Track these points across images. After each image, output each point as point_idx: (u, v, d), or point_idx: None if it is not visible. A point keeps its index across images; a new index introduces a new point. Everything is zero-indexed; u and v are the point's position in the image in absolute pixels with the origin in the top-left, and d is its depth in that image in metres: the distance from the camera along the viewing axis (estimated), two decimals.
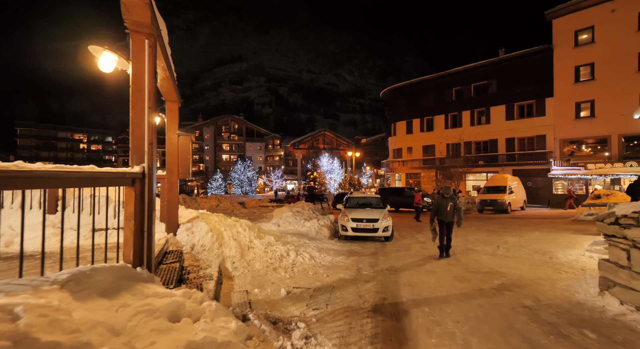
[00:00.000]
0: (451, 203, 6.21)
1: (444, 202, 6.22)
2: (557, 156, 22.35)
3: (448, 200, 6.23)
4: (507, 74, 25.02)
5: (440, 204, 6.25)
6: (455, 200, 6.26)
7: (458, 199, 6.46)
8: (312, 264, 5.13)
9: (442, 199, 6.29)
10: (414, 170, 30.92)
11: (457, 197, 6.49)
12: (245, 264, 4.50)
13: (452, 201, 6.22)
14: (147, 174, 2.39)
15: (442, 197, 6.31)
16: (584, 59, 21.13)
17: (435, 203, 6.33)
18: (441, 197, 6.31)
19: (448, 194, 6.25)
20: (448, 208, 6.19)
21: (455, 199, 6.26)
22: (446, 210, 6.19)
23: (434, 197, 15.98)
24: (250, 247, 4.90)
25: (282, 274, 4.44)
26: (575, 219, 12.55)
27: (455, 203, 6.26)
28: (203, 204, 23.66)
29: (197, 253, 4.42)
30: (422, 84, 30.95)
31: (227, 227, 5.13)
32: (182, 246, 4.46)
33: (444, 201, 6.25)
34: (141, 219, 2.32)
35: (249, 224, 5.51)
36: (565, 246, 7.51)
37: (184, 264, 4.11)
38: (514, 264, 5.77)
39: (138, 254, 2.28)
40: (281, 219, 9.62)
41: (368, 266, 5.60)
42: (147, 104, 2.36)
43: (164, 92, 4.31)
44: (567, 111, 21.97)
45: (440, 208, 6.26)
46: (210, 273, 3.84)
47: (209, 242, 4.57)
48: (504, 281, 4.53)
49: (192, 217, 4.94)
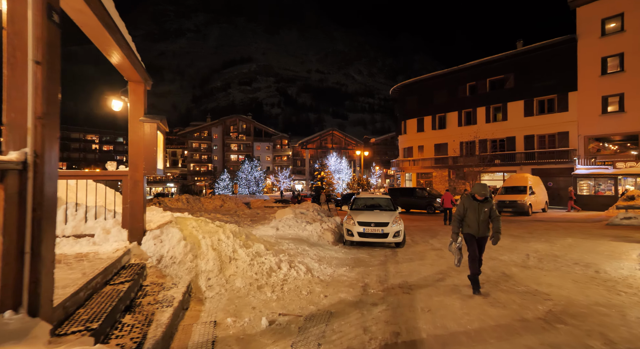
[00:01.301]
0: (486, 209, 4.22)
1: (475, 208, 4.25)
2: (581, 154, 20.82)
3: (482, 204, 4.23)
4: (526, 67, 23.56)
5: (468, 210, 4.28)
6: (491, 205, 4.27)
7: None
8: (308, 280, 4.24)
9: (471, 202, 4.28)
10: (425, 170, 29.67)
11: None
12: (223, 281, 3.65)
13: (487, 206, 4.23)
14: (33, 165, 1.55)
15: (472, 200, 4.28)
16: (612, 49, 19.57)
17: (461, 208, 4.36)
18: (470, 200, 4.30)
19: (482, 196, 4.23)
20: (481, 216, 4.20)
21: (491, 204, 4.27)
22: (478, 219, 4.21)
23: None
24: (232, 259, 4.05)
25: (268, 294, 3.56)
26: (609, 223, 11.28)
27: (492, 209, 4.27)
28: (207, 205, 23.12)
29: (165, 267, 3.60)
30: (434, 79, 29.68)
31: (206, 234, 4.29)
32: (148, 257, 3.64)
33: (474, 205, 4.26)
34: (19, 234, 1.49)
35: (234, 230, 4.66)
36: (609, 256, 6.40)
37: (144, 283, 3.28)
38: (554, 280, 4.75)
39: (11, 290, 1.46)
40: (281, 222, 8.77)
41: (376, 280, 4.68)
42: (31, 56, 1.54)
43: (123, 69, 3.50)
44: (592, 106, 20.43)
45: (468, 216, 4.28)
46: (172, 295, 3.00)
47: (180, 253, 3.74)
48: (550, 307, 3.54)
49: (163, 222, 4.13)
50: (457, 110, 27.71)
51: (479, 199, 4.29)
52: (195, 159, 61.69)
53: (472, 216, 4.28)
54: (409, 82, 32.01)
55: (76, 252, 3.34)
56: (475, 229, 4.27)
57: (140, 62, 3.61)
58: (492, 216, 4.32)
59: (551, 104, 22.71)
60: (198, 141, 61.60)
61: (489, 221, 4.32)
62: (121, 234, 3.68)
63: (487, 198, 4.31)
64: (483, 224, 4.27)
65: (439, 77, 29.19)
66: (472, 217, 4.28)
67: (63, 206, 3.67)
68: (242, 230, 4.91)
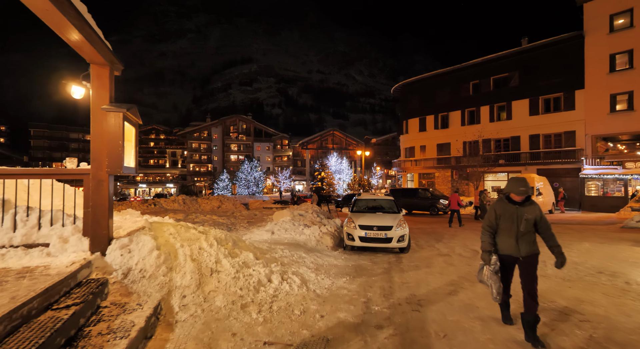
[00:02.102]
0: (529, 216, 2.84)
1: (511, 214, 2.89)
2: (588, 154, 20.22)
3: (522, 209, 2.87)
4: (531, 65, 22.97)
5: (502, 218, 2.93)
6: (537, 209, 2.89)
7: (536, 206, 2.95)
8: (302, 295, 3.68)
9: (506, 206, 2.94)
10: (427, 170, 29.09)
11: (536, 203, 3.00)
12: (200, 300, 3.10)
13: (530, 212, 2.86)
14: None
15: (507, 203, 2.94)
16: (621, 45, 18.98)
17: (492, 216, 3.01)
18: (504, 203, 2.97)
19: (522, 195, 2.83)
20: (521, 227, 2.84)
21: (537, 208, 2.90)
22: (517, 230, 2.86)
23: (484, 200, 13.33)
24: (214, 272, 3.50)
25: (254, 315, 3.01)
26: (624, 225, 10.69)
27: (539, 216, 2.89)
28: (204, 206, 22.59)
29: (132, 282, 3.05)
30: (436, 78, 29.12)
31: (186, 242, 3.74)
32: (113, 271, 3.09)
33: (510, 210, 2.90)
34: None
35: (219, 237, 4.11)
36: (635, 264, 5.83)
37: (103, 303, 2.73)
38: (582, 293, 4.18)
39: None
40: (277, 225, 8.22)
41: (380, 294, 4.12)
42: None
43: (81, 48, 2.96)
44: (600, 104, 19.83)
45: (502, 227, 2.94)
46: (132, 321, 2.45)
47: (152, 265, 3.19)
48: (590, 332, 2.97)
49: (135, 228, 3.58)
50: (460, 109, 27.14)
51: (516, 201, 2.86)
52: (195, 160, 61.23)
53: (507, 226, 2.87)
54: (410, 80, 31.45)
55: (23, 266, 2.80)
56: (512, 247, 2.87)
57: (104, 41, 3.07)
58: (540, 226, 2.87)
59: (557, 102, 22.11)
60: (198, 141, 61.15)
61: (534, 233, 2.89)
62: (81, 243, 3.13)
63: (532, 202, 2.92)
64: (525, 238, 2.85)
65: (442, 76, 28.63)
66: (508, 228, 2.87)
67: (11, 210, 3.13)
68: (229, 236, 4.36)
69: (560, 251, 2.88)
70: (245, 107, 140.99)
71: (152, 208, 20.47)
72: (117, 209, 19.06)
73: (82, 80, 3.27)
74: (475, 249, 7.44)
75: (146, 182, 68.16)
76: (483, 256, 3.05)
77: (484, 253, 3.05)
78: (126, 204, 21.53)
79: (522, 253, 2.89)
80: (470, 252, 7.11)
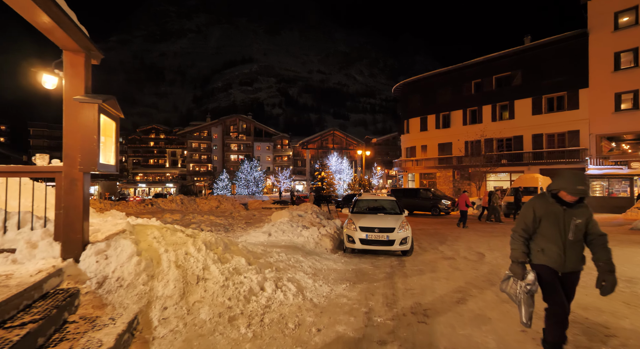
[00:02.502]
0: (579, 220, 2.29)
1: (558, 217, 2.31)
2: (593, 154, 19.89)
3: (572, 211, 2.30)
4: (534, 63, 22.65)
5: (544, 221, 2.36)
6: (590, 213, 2.34)
7: None
8: (298, 305, 3.37)
9: (551, 207, 2.35)
10: (428, 170, 28.77)
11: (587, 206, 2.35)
12: (183, 312, 2.78)
13: (582, 215, 2.30)
14: None
15: (555, 202, 2.34)
16: (626, 44, 18.66)
17: (529, 217, 2.41)
18: (548, 202, 2.37)
19: (577, 195, 2.21)
20: (570, 234, 2.28)
21: (589, 212, 2.35)
22: (563, 238, 2.30)
23: (495, 200, 12.86)
24: (201, 280, 3.19)
25: (242, 330, 2.69)
26: (633, 227, 10.39)
27: (592, 221, 2.34)
28: (202, 206, 22.30)
29: (108, 292, 2.74)
30: (438, 77, 28.80)
31: (171, 246, 3.43)
32: (87, 279, 2.78)
33: (557, 211, 2.32)
34: None
35: (208, 241, 3.80)
36: None
37: (71, 318, 2.42)
38: (601, 302, 3.86)
39: None
40: (274, 227, 7.91)
41: (383, 303, 3.80)
42: None
43: (52, 33, 2.65)
44: (604, 103, 19.51)
45: (544, 232, 2.36)
46: (100, 340, 2.14)
47: (131, 272, 2.88)
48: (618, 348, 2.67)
49: (114, 231, 3.27)
50: (462, 108, 26.82)
51: (568, 202, 2.24)
52: (195, 159, 60.95)
53: (552, 232, 2.28)
54: (412, 79, 31.14)
55: None
56: (558, 258, 2.26)
57: (78, 25, 2.76)
58: (591, 234, 2.30)
59: (561, 101, 21.79)
60: (198, 140, 60.88)
61: (583, 243, 2.32)
62: (52, 248, 2.82)
63: (583, 205, 2.31)
64: (574, 248, 2.26)
65: (443, 75, 28.31)
66: (553, 234, 2.27)
67: None
68: (220, 239, 4.04)
69: (611, 276, 2.23)
70: (246, 107, 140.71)
71: (148, 208, 20.18)
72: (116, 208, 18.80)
73: (54, 69, 2.96)
74: (481, 252, 7.13)
75: (146, 182, 67.91)
76: (513, 268, 2.42)
77: (515, 264, 2.40)
78: (123, 204, 21.25)
79: (566, 268, 2.27)
80: (476, 256, 6.80)
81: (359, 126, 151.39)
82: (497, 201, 12.92)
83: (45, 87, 3.01)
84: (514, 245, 2.45)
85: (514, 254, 2.43)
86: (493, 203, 12.83)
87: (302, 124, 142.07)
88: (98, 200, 25.15)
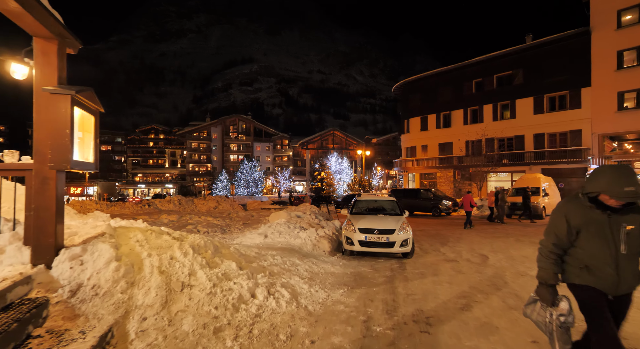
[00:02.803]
0: (631, 227, 1.74)
1: (604, 226, 1.77)
2: (595, 154, 19.66)
3: (621, 218, 1.75)
4: (536, 62, 22.41)
5: (584, 232, 1.83)
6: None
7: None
8: (291, 314, 3.13)
9: (591, 212, 1.80)
10: (429, 170, 28.53)
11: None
12: (164, 323, 2.55)
13: (634, 221, 1.75)
14: None
15: (595, 207, 1.79)
16: (629, 42, 18.42)
17: (562, 227, 1.88)
18: (586, 207, 1.82)
19: (626, 198, 1.67)
20: (621, 246, 1.75)
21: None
22: (616, 251, 1.75)
23: (504, 199, 12.59)
24: (186, 286, 2.95)
25: (228, 343, 2.46)
26: None
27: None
28: (200, 206, 22.06)
29: (82, 302, 2.50)
30: (438, 76, 28.57)
31: (155, 250, 3.19)
32: (59, 287, 2.55)
33: (601, 219, 1.78)
34: None
35: (196, 244, 3.56)
36: None
37: (36, 332, 2.19)
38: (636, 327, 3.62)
39: None
40: (270, 228, 7.68)
41: (382, 310, 3.57)
42: None
43: (18, 16, 2.42)
44: (607, 102, 19.26)
45: (586, 246, 1.83)
46: None
47: (108, 279, 2.64)
48: None
49: (93, 234, 3.04)
50: (463, 108, 26.59)
51: (614, 207, 1.76)
52: (194, 160, 60.73)
53: (597, 245, 1.80)
54: (412, 79, 30.92)
55: None
56: (610, 278, 1.77)
57: (49, 9, 2.53)
58: None
59: (563, 100, 21.55)
60: (197, 141, 60.66)
61: (638, 256, 1.82)
62: (21, 253, 2.59)
63: (635, 204, 1.79)
64: (629, 264, 1.78)
65: (444, 74, 28.08)
66: (600, 248, 1.79)
67: None
68: (209, 242, 3.81)
69: None
70: (246, 107, 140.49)
71: (145, 209, 19.94)
72: (112, 209, 18.54)
73: (23, 58, 2.74)
74: (484, 254, 6.90)
75: (145, 182, 67.70)
76: (541, 292, 1.96)
77: (544, 287, 1.94)
78: (120, 205, 21.02)
79: (619, 290, 1.77)
80: (479, 258, 6.57)
81: (359, 126, 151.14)
82: (504, 199, 12.84)
83: (14, 77, 2.78)
84: (542, 263, 1.97)
85: (542, 274, 1.96)
86: (500, 202, 12.75)
87: (302, 124, 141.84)
88: (96, 200, 24.94)
